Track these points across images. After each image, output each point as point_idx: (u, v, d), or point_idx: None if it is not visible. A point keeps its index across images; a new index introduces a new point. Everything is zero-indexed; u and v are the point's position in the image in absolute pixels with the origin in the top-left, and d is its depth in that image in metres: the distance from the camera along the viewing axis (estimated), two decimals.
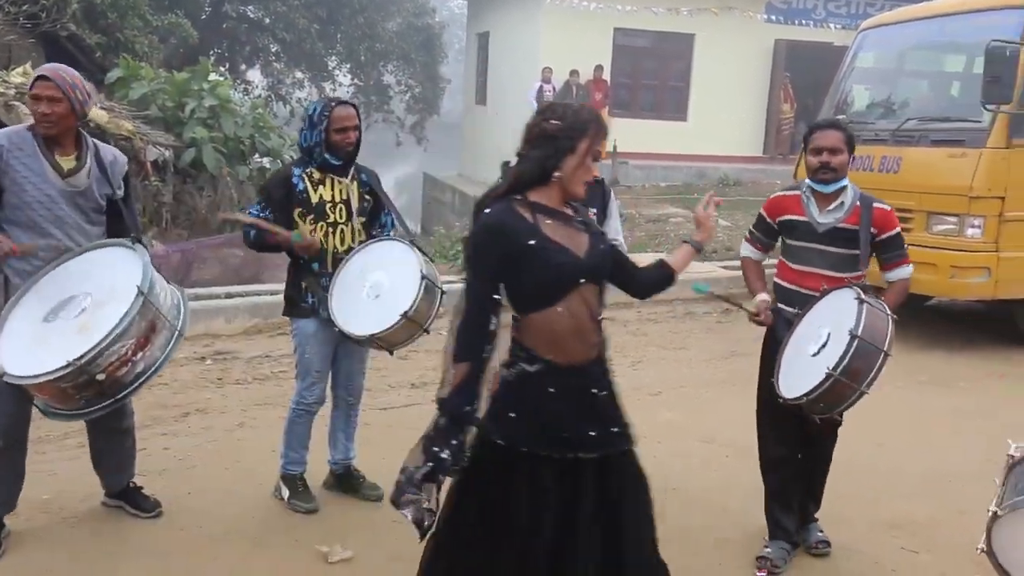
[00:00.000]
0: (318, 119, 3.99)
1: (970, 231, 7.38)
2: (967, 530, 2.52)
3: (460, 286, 2.78)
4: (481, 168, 19.17)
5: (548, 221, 2.66)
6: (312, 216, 4.03)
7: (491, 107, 21.02)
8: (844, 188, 3.78)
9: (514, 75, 18.99)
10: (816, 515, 4.11)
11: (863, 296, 3.44)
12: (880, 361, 3.35)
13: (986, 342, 7.50)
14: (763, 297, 3.85)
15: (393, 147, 28.82)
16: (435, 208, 21.45)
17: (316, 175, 4.06)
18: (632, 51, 18.45)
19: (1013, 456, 2.67)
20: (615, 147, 17.15)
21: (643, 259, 3.13)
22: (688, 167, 17.95)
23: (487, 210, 2.65)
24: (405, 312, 3.82)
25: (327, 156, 4.02)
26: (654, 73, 18.78)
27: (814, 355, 3.49)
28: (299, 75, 27.81)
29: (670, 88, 18.74)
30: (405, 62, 27.02)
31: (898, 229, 3.83)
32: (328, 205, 4.06)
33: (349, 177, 4.12)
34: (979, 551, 2.63)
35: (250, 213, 4.09)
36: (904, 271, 3.85)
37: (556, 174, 2.64)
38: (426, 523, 2.59)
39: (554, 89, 17.03)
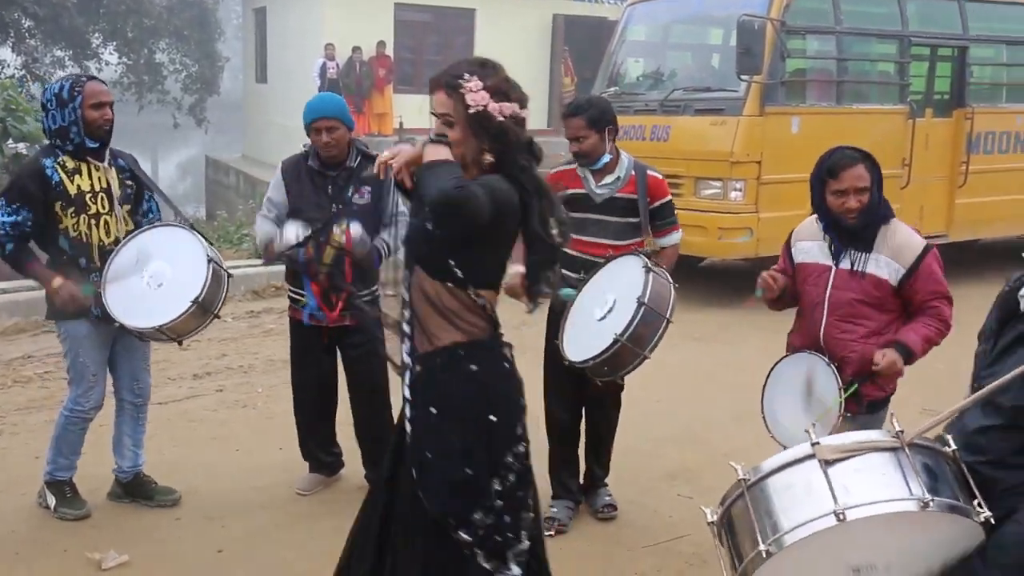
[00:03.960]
0: (69, 96, 3.69)
1: (733, 194, 7.91)
2: (729, 471, 2.66)
3: (246, 271, 2.66)
4: (266, 149, 18.56)
5: None
6: (73, 209, 3.73)
7: (272, 85, 20.36)
8: (616, 160, 3.89)
9: (295, 52, 18.47)
10: (605, 479, 4.25)
11: (649, 264, 3.57)
12: (663, 327, 3.51)
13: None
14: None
15: (171, 130, 27.29)
16: (219, 191, 20.57)
17: (70, 164, 3.75)
18: (414, 26, 18.38)
19: (714, 523, 2.64)
20: (401, 123, 17.10)
21: None
22: None
23: None
24: (196, 298, 3.64)
25: (86, 137, 3.73)
26: (437, 48, 18.79)
27: (600, 320, 3.57)
28: (59, 53, 25.73)
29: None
30: (178, 39, 25.52)
31: (669, 197, 4.00)
32: (88, 195, 3.76)
33: (106, 162, 3.84)
34: None
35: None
36: (675, 236, 4.04)
37: None
38: None
39: (338, 66, 16.73)
